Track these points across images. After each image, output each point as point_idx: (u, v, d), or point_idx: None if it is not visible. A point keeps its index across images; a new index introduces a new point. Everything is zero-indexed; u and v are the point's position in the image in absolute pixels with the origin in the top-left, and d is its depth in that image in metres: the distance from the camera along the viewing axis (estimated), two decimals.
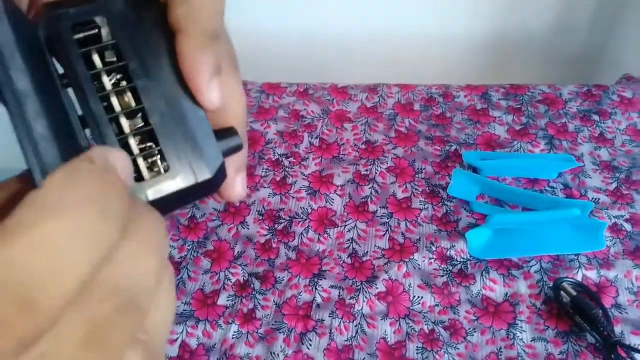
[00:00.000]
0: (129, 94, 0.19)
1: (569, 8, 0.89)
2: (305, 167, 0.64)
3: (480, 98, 0.71)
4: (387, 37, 0.93)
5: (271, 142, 0.67)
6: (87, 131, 0.19)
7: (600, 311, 0.49)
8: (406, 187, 0.61)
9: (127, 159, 0.16)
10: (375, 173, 0.63)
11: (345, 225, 0.58)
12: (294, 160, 0.65)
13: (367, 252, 0.56)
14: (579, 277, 0.52)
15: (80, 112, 0.19)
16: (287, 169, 0.64)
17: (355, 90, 0.73)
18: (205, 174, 0.19)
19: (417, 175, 0.63)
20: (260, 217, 0.60)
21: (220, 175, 0.20)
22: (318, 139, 0.67)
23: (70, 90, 0.19)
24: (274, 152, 0.66)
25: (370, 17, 0.91)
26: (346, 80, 0.75)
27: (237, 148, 0.21)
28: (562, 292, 0.50)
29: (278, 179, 0.63)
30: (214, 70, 0.18)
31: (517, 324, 0.50)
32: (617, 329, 0.48)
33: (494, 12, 0.90)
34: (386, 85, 0.74)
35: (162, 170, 0.19)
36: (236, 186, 0.22)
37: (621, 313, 0.50)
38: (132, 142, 0.19)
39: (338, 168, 0.64)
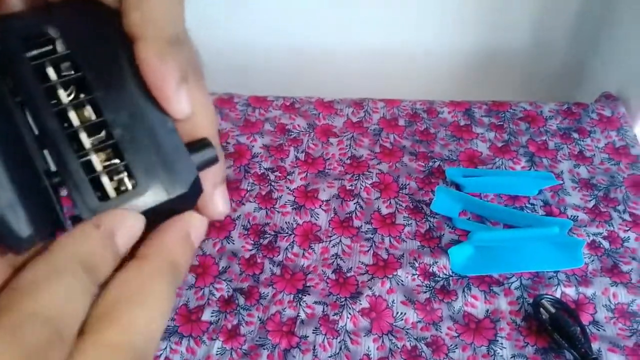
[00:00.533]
0: (89, 107, 0.18)
1: (549, 25, 0.91)
2: (290, 182, 0.65)
3: (463, 114, 0.72)
4: (373, 51, 0.94)
5: (257, 156, 0.68)
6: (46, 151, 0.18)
7: (579, 328, 0.50)
8: (390, 202, 0.62)
9: (137, 222, 0.17)
10: (360, 188, 0.64)
11: (330, 241, 0.59)
12: (280, 175, 0.66)
13: (352, 267, 0.57)
14: (558, 294, 0.53)
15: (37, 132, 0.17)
16: (272, 184, 0.65)
17: (341, 104, 0.74)
18: (178, 189, 0.18)
19: (401, 191, 0.63)
20: (246, 232, 0.60)
21: (195, 190, 0.19)
22: (304, 154, 0.68)
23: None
24: (259, 166, 0.66)
25: (356, 31, 0.93)
26: (332, 93, 0.76)
27: (212, 161, 0.19)
28: (541, 309, 0.51)
29: (264, 193, 0.64)
30: (180, 77, 0.17)
31: (497, 341, 0.51)
32: (595, 346, 0.49)
33: (477, 29, 0.91)
34: (372, 100, 0.75)
35: (129, 187, 0.18)
36: (216, 202, 0.20)
37: (599, 330, 0.51)
38: (95, 159, 0.18)
39: (323, 183, 0.64)
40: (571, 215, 0.60)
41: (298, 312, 0.53)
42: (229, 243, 0.59)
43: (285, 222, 0.61)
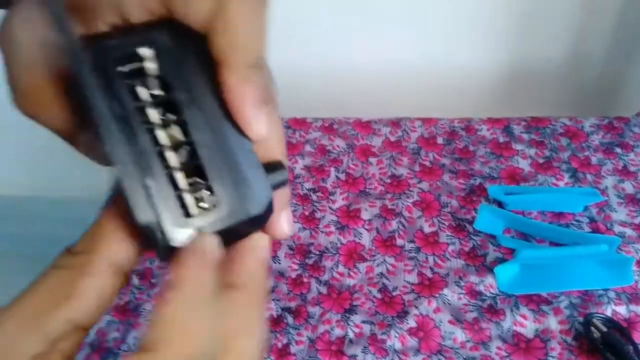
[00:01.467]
0: (175, 127, 0.19)
1: (587, 38, 0.90)
2: (332, 202, 0.66)
3: (502, 131, 0.72)
4: (408, 70, 0.95)
5: (299, 177, 0.69)
6: None
7: (631, 347, 0.49)
8: (433, 221, 0.63)
9: (219, 246, 0.18)
10: (402, 207, 0.65)
11: (375, 260, 0.60)
12: (322, 195, 0.67)
13: (397, 287, 0.57)
14: (608, 312, 0.53)
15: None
16: (315, 204, 0.66)
17: (379, 124, 0.75)
18: (255, 209, 0.19)
19: (443, 210, 0.64)
20: (291, 252, 0.61)
21: (269, 210, 0.20)
22: (344, 174, 0.69)
23: None
24: (302, 187, 0.68)
25: (391, 50, 0.94)
26: (369, 113, 0.77)
27: (284, 182, 0.20)
28: (592, 327, 0.51)
29: (307, 213, 0.65)
30: (260, 100, 0.18)
31: None
32: None
33: (512, 44, 0.92)
34: (409, 120, 0.76)
35: (210, 206, 0.19)
36: (282, 223, 0.21)
37: None
38: (179, 177, 0.19)
39: (365, 202, 0.65)
40: (618, 232, 0.59)
41: (346, 331, 0.54)
42: (275, 263, 0.60)
43: (330, 242, 0.62)
